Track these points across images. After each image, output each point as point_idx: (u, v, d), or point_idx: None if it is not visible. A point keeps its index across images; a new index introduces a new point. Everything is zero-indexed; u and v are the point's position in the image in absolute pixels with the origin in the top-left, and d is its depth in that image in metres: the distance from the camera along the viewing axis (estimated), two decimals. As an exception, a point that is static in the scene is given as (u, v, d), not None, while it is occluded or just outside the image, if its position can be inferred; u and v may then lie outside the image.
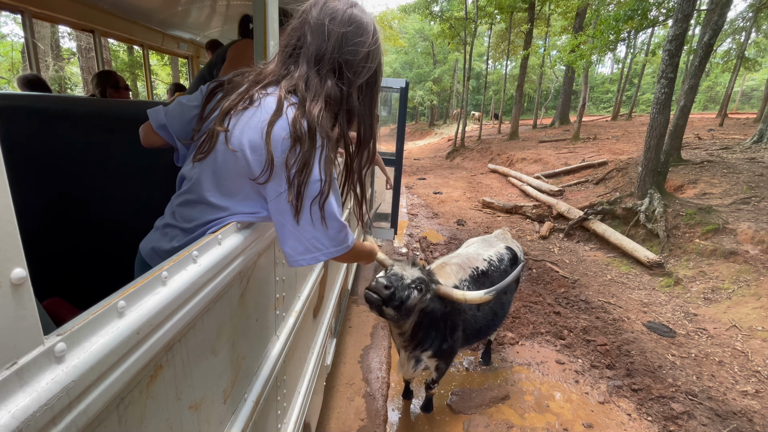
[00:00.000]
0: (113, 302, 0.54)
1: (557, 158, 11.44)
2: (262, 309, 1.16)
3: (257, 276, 1.09)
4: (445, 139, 23.29)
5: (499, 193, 9.95)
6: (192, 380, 0.77)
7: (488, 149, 15.14)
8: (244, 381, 1.08)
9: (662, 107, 5.50)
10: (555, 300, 4.53)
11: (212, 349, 0.85)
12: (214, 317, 0.84)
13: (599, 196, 7.79)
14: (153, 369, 0.63)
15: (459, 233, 6.78)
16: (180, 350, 0.71)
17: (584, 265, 5.48)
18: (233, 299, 0.94)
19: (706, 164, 7.83)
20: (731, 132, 12.77)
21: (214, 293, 0.79)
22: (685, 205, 5.60)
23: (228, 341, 0.93)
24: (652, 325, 3.98)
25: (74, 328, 0.48)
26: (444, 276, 2.54)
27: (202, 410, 0.82)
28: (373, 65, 1.00)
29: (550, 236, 6.57)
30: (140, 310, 0.58)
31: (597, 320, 4.11)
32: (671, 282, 4.65)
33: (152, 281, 0.63)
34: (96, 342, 0.50)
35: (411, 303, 1.99)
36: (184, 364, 0.73)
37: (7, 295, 0.39)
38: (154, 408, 0.65)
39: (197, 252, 0.76)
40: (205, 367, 0.83)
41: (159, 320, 0.61)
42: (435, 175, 12.86)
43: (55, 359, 0.45)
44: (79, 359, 0.47)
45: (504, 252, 3.04)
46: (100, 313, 0.52)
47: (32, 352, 0.42)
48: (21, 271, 0.40)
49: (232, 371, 0.98)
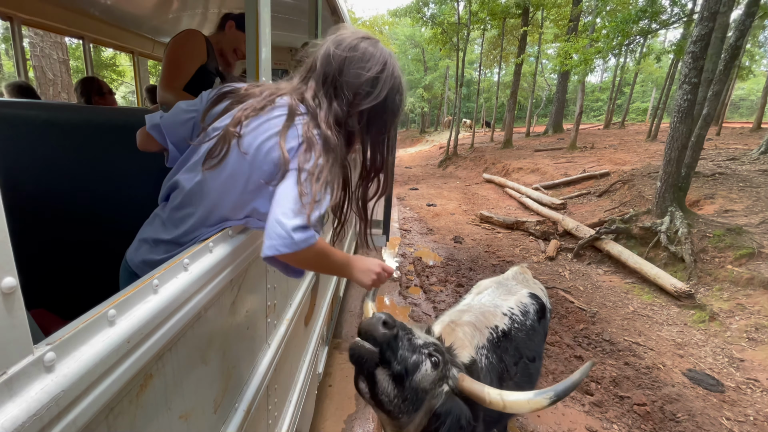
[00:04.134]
0: (103, 311, 0.55)
1: (555, 168, 10.90)
2: (253, 317, 1.16)
3: (248, 284, 1.09)
4: (437, 146, 22.74)
5: (497, 206, 9.33)
6: (182, 390, 0.76)
7: (482, 158, 14.58)
8: (235, 390, 1.07)
9: (684, 115, 4.94)
10: (574, 339, 3.87)
11: (203, 358, 0.84)
12: (205, 326, 0.83)
13: (606, 210, 7.21)
14: (143, 378, 0.62)
15: (457, 252, 6.10)
16: (170, 359, 0.70)
17: (601, 292, 4.83)
18: (224, 307, 0.94)
19: (719, 177, 7.32)
20: (730, 141, 12.43)
21: (205, 301, 0.79)
22: (710, 224, 5.01)
23: (219, 350, 0.92)
24: (695, 374, 3.33)
25: (64, 337, 0.48)
26: (456, 343, 1.84)
27: (192, 420, 0.81)
28: (378, 92, 1.02)
29: (557, 256, 5.93)
30: (131, 319, 0.58)
31: (627, 367, 3.45)
32: (705, 317, 4.03)
33: (143, 289, 0.63)
34: (86, 351, 0.50)
35: (420, 381, 1.29)
36: (174, 373, 0.72)
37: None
38: (144, 418, 0.64)
39: (188, 260, 0.76)
40: (196, 376, 0.81)
41: (150, 329, 0.61)
42: (428, 185, 12.21)
43: (44, 368, 0.45)
44: (68, 368, 0.47)
45: (528, 302, 2.35)
46: (90, 322, 0.52)
47: (22, 361, 0.43)
48: (11, 279, 0.40)
49: (223, 380, 0.97)
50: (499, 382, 1.94)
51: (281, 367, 1.47)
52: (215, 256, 0.85)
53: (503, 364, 1.99)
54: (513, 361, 2.05)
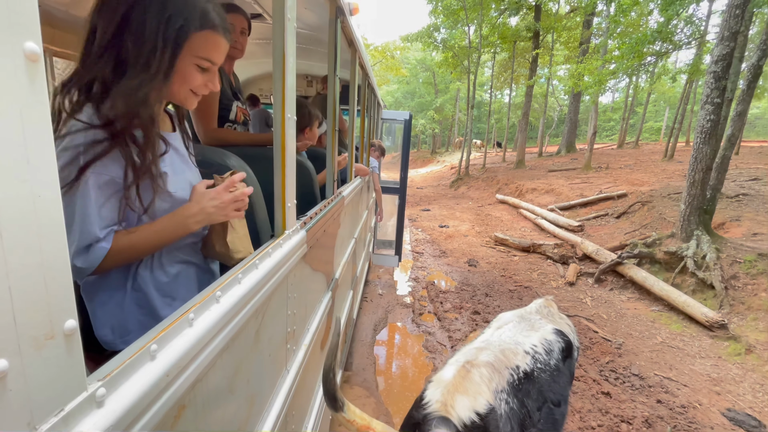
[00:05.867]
0: (146, 345, 0.56)
1: (570, 189, 10.70)
2: (275, 344, 1.17)
3: (271, 311, 1.10)
4: (448, 167, 22.73)
5: (511, 227, 9.13)
6: (210, 419, 0.77)
7: (494, 178, 14.45)
8: (257, 416, 1.07)
9: (708, 136, 4.77)
10: (600, 374, 3.63)
11: (230, 387, 0.86)
12: (233, 355, 0.85)
13: (626, 233, 6.97)
14: (177, 410, 0.64)
15: (471, 276, 5.92)
16: (202, 389, 0.72)
17: (626, 321, 4.58)
18: (250, 336, 0.95)
19: (743, 198, 7.05)
20: (749, 161, 12.07)
21: (235, 331, 0.81)
22: (739, 249, 4.76)
23: (244, 378, 0.94)
24: (735, 414, 3.06)
25: (113, 373, 0.50)
26: (472, 388, 1.68)
27: None
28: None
29: (578, 281, 5.70)
30: (170, 353, 0.60)
31: (660, 405, 3.20)
32: (741, 349, 3.76)
33: (180, 324, 0.64)
34: (132, 386, 0.52)
35: None
36: (204, 403, 0.74)
37: (60, 346, 0.41)
38: None
39: (220, 292, 0.78)
40: (223, 404, 0.83)
41: (186, 361, 0.63)
42: (440, 206, 12.09)
43: (96, 404, 0.47)
44: (117, 403, 0.49)
45: (553, 338, 2.19)
46: (135, 357, 0.54)
47: (77, 398, 0.44)
48: (73, 322, 0.42)
49: (246, 408, 0.98)
50: (520, 429, 1.77)
51: (299, 392, 1.48)
52: (244, 287, 0.87)
53: (525, 409, 1.82)
54: (536, 407, 1.88)
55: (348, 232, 3.03)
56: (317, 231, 1.65)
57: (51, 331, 0.40)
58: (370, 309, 4.75)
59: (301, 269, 1.41)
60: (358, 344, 4.00)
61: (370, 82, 4.02)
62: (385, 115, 5.75)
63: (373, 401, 3.26)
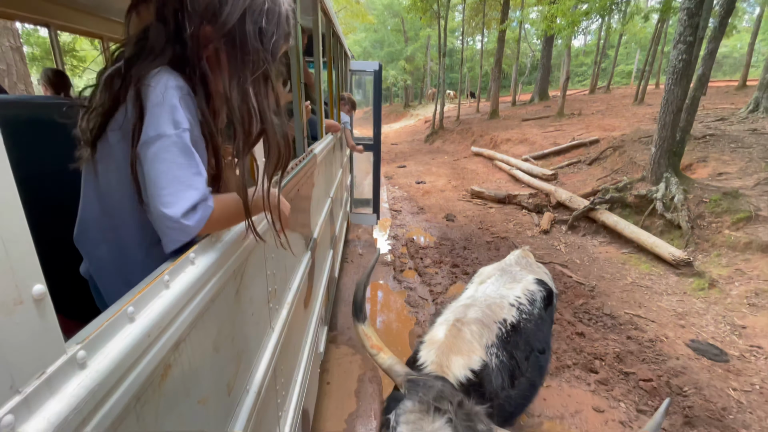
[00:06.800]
0: (123, 308, 0.58)
1: (544, 137, 10.73)
2: (256, 303, 1.19)
3: (250, 272, 1.11)
4: (422, 120, 22.30)
5: (487, 180, 9.17)
6: (198, 377, 0.80)
7: (469, 130, 14.30)
8: (245, 374, 1.10)
9: (679, 77, 4.74)
10: (574, 315, 3.79)
11: (214, 346, 0.88)
12: (214, 315, 0.87)
13: (598, 179, 7.10)
14: (163, 368, 0.66)
15: (450, 231, 5.96)
16: (186, 349, 0.74)
17: (598, 265, 4.76)
18: (230, 296, 0.97)
19: (710, 138, 7.23)
20: (716, 101, 12.34)
21: (213, 292, 0.82)
22: (706, 189, 4.93)
23: (228, 337, 0.96)
24: (698, 345, 3.28)
25: (91, 335, 0.51)
26: (464, 347, 1.67)
27: (209, 404, 0.86)
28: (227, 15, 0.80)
29: (552, 229, 5.83)
30: (149, 314, 0.62)
31: (630, 341, 3.38)
32: (705, 284, 3.98)
33: (156, 286, 0.66)
34: (113, 347, 0.54)
35: None
36: (190, 362, 0.76)
37: (30, 310, 0.42)
38: (167, 405, 0.68)
39: (194, 254, 0.78)
40: (209, 363, 0.86)
41: (166, 322, 0.65)
42: (415, 162, 11.96)
43: (78, 366, 0.49)
44: (100, 364, 0.51)
45: (535, 288, 2.20)
46: (113, 320, 0.56)
47: (57, 361, 0.46)
48: (41, 287, 0.44)
49: (234, 365, 1.01)
50: (510, 381, 1.80)
51: (285, 349, 1.53)
52: (220, 248, 0.89)
53: (514, 360, 1.85)
54: (524, 356, 1.92)
55: (323, 191, 2.99)
56: (291, 191, 1.64)
57: (19, 296, 0.41)
58: (351, 270, 4.73)
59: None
60: (342, 305, 4.00)
61: (335, 30, 3.70)
62: (354, 66, 5.42)
63: (359, 358, 3.31)
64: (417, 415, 1.25)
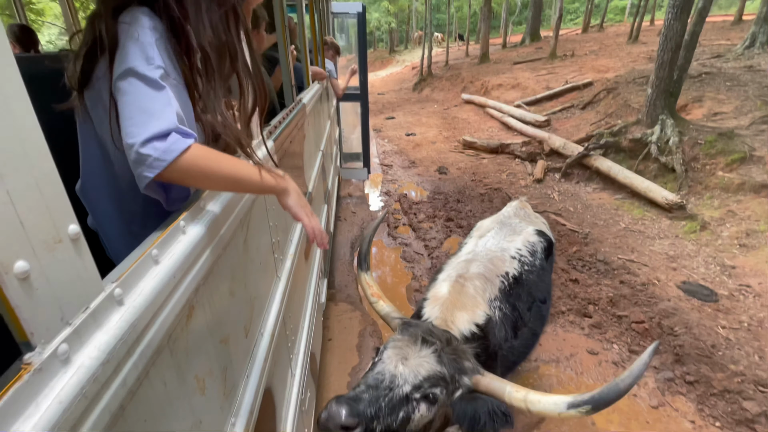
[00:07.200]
0: (147, 251, 0.61)
1: (537, 81, 10.38)
2: (263, 253, 1.26)
3: (254, 223, 1.16)
4: (409, 67, 21.35)
5: (479, 129, 8.95)
6: (218, 318, 0.86)
7: (458, 76, 13.75)
8: (258, 319, 1.18)
9: (680, 11, 4.48)
10: (568, 263, 3.83)
11: (230, 290, 0.94)
12: (227, 261, 0.92)
13: (592, 123, 6.96)
14: (188, 309, 0.71)
15: (442, 184, 5.87)
16: (205, 292, 0.79)
17: (591, 212, 4.76)
18: (239, 244, 1.02)
19: (705, 77, 7.04)
20: (712, 37, 11.93)
21: (226, 239, 0.88)
22: (701, 130, 4.85)
23: (241, 283, 1.02)
24: (689, 286, 3.36)
25: (123, 275, 0.55)
26: (468, 302, 1.65)
27: (230, 343, 0.92)
28: None
29: (545, 178, 5.78)
30: (171, 257, 0.66)
31: (623, 286, 3.46)
32: (696, 227, 4.02)
33: (173, 231, 0.70)
34: (144, 287, 0.58)
35: (417, 424, 1.17)
36: (210, 304, 0.81)
37: (69, 249, 0.45)
38: (194, 342, 0.73)
39: (204, 202, 0.84)
40: (227, 306, 0.92)
41: (188, 265, 0.69)
42: (404, 112, 11.57)
43: (116, 302, 0.53)
44: (135, 301, 0.55)
45: (536, 240, 2.16)
46: (140, 262, 0.59)
47: (98, 297, 0.49)
48: (75, 227, 0.46)
49: (248, 310, 1.08)
50: (513, 332, 1.82)
51: (291, 297, 1.60)
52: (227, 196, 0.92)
53: (517, 312, 1.85)
54: (526, 307, 1.92)
55: (314, 144, 2.94)
56: (284, 141, 1.64)
57: (57, 235, 0.43)
58: (345, 228, 4.66)
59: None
60: (338, 263, 3.98)
61: (314, -33, 3.35)
62: (336, 8, 5.01)
63: (359, 314, 3.34)
64: (405, 342, 1.28)
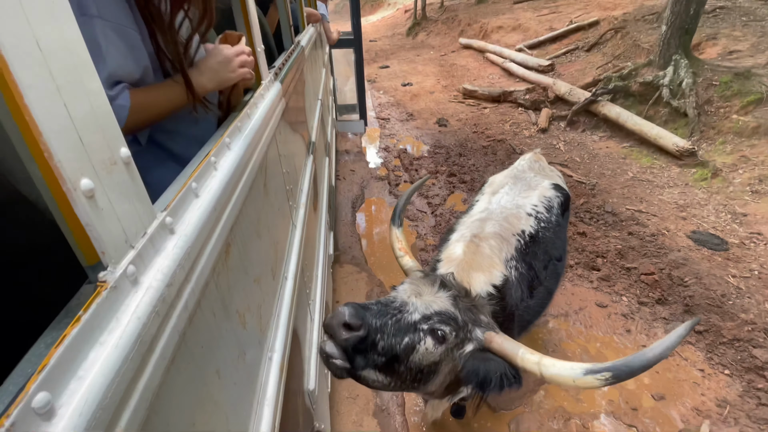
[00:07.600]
0: (188, 183, 0.62)
1: (539, 22, 9.75)
2: (279, 199, 1.28)
3: (270, 168, 1.18)
4: (402, 10, 20.04)
5: (479, 76, 8.52)
6: (250, 257, 0.88)
7: (455, 19, 12.92)
8: (281, 263, 1.22)
9: (705, -66, 4.05)
10: (576, 216, 3.75)
11: (257, 232, 0.97)
12: (252, 203, 0.94)
13: (599, 67, 6.60)
14: (226, 246, 0.72)
15: (443, 138, 5.64)
16: (238, 231, 0.81)
17: (598, 161, 4.61)
18: (260, 187, 1.03)
19: (719, 12, 6.58)
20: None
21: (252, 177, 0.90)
22: (716, 70, 4.58)
23: (265, 226, 1.04)
24: (699, 236, 3.30)
25: (171, 204, 0.55)
26: (485, 263, 1.56)
27: (262, 283, 0.95)
28: None
29: (550, 127, 5.56)
30: (209, 192, 0.66)
31: (631, 237, 3.40)
32: (707, 174, 3.90)
33: (206, 166, 0.70)
34: (190, 216, 0.59)
35: (421, 360, 1.11)
36: (243, 242, 0.83)
37: (123, 171, 0.44)
38: (233, 279, 0.75)
39: (228, 138, 0.84)
40: (257, 246, 0.95)
41: (224, 199, 0.70)
42: (399, 60, 10.97)
43: (168, 231, 0.53)
44: (185, 230, 0.55)
45: (552, 194, 2.05)
46: (183, 192, 0.60)
47: (153, 223, 0.50)
48: (125, 150, 0.45)
49: (273, 253, 1.11)
50: (529, 291, 1.75)
51: (307, 245, 1.63)
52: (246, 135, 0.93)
53: (533, 271, 1.78)
54: (543, 266, 1.84)
55: (313, 91, 2.82)
56: (289, 85, 1.62)
57: (112, 156, 0.43)
58: (345, 187, 4.51)
59: (283, 127, 1.45)
60: (341, 224, 3.88)
61: None
62: None
63: (365, 275, 3.29)
64: (423, 282, 1.25)
